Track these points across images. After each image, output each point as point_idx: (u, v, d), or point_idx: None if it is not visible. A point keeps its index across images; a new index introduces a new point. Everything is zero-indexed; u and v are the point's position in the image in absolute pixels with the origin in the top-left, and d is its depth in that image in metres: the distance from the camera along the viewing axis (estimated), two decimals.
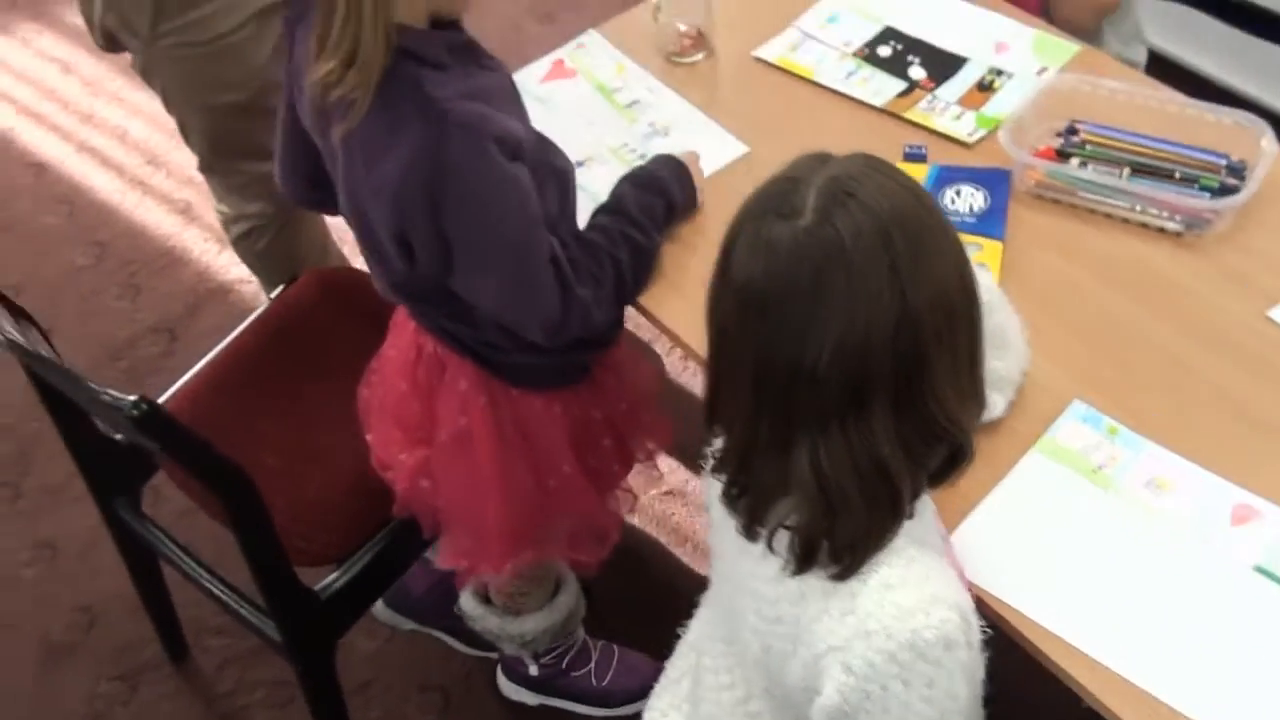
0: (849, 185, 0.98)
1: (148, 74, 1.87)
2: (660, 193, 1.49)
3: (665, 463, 2.16)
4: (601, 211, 1.48)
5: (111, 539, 1.92)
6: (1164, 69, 1.87)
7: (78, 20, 3.31)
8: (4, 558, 2.26)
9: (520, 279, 1.36)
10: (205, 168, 2.02)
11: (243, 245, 2.13)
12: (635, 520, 2.14)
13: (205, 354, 2.56)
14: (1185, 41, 2.25)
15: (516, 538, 1.56)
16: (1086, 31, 1.76)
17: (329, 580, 1.66)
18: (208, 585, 1.76)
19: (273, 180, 2.01)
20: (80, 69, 3.22)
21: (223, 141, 1.95)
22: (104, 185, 2.91)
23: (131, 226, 2.82)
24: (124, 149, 3.00)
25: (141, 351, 2.56)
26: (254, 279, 2.56)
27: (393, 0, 1.25)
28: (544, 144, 1.41)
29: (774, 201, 1.01)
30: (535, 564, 1.66)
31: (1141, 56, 1.87)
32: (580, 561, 1.67)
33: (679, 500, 2.18)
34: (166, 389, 1.88)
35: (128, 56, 1.93)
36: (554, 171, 1.41)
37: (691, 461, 2.16)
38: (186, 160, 2.91)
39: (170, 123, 2.95)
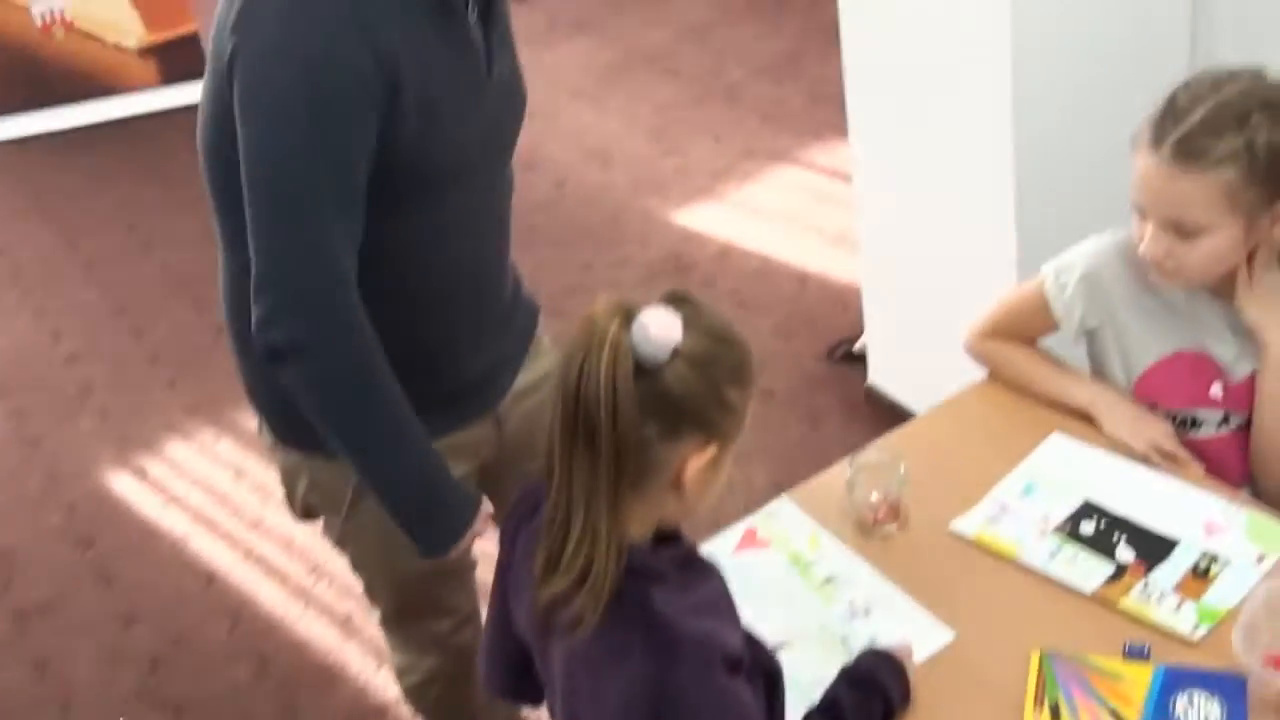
0: None
1: (341, 544, 1.90)
2: (878, 694, 1.43)
3: None
4: (816, 712, 1.43)
5: None
6: None
7: (252, 425, 3.50)
8: None
9: None
10: (386, 623, 2.03)
11: (415, 694, 2.11)
12: None
13: None
14: None
15: None
16: None
17: None
18: None
19: (451, 635, 2.03)
20: (251, 474, 3.34)
21: (407, 602, 1.96)
22: (269, 596, 2.96)
23: (294, 640, 2.83)
24: (289, 556, 3.06)
25: None
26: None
27: (626, 521, 1.27)
28: (753, 642, 1.38)
29: None
30: None
31: None
32: None
33: None
34: None
35: None
36: (764, 673, 1.37)
37: None
38: (347, 568, 2.96)
39: None
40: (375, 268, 1.58)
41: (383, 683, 2.68)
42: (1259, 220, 1.58)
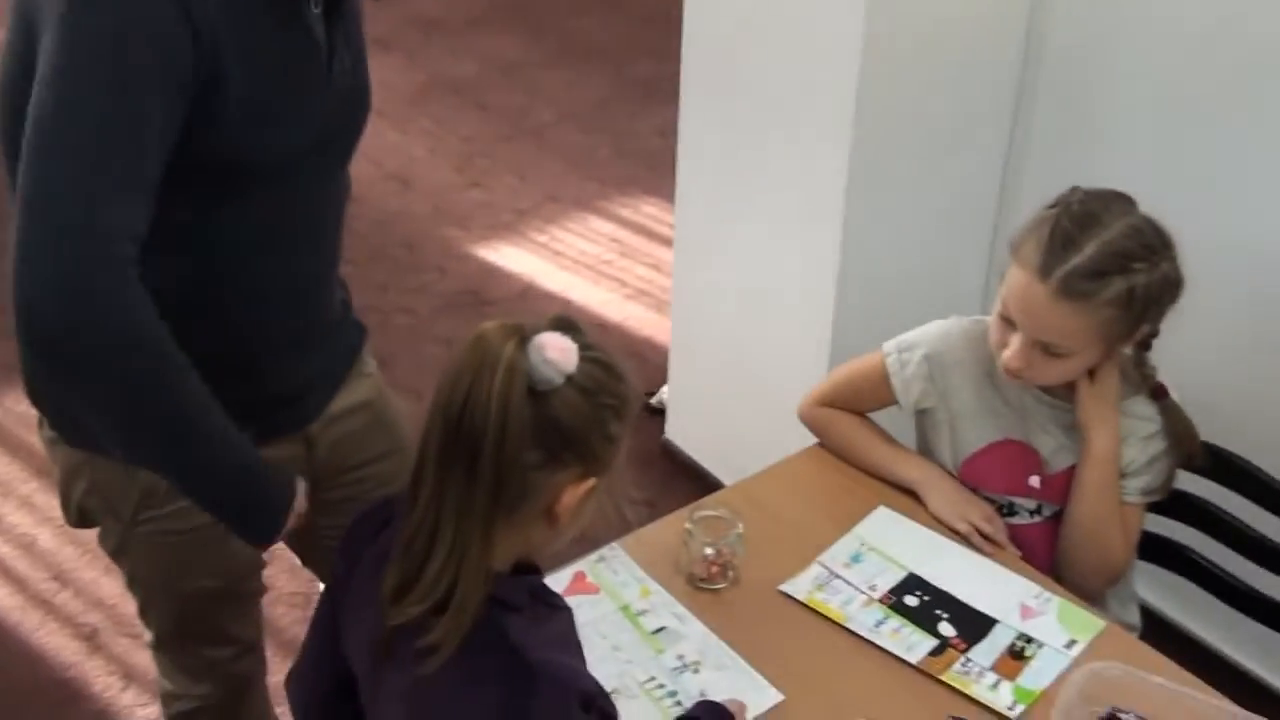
0: None
1: (119, 555, 1.73)
2: None
3: None
4: None
5: None
6: (1161, 633, 1.92)
7: None
8: None
9: None
10: (158, 646, 1.86)
11: None
12: None
13: None
14: (1181, 608, 2.37)
15: None
16: (1090, 594, 1.80)
17: None
18: None
19: (224, 664, 1.89)
20: None
21: (187, 626, 1.81)
22: (4, 602, 2.70)
23: (28, 651, 2.59)
24: (29, 561, 2.80)
25: None
26: None
27: (494, 547, 1.22)
28: (596, 685, 1.34)
29: None
30: None
31: (1137, 619, 1.92)
32: None
33: None
34: None
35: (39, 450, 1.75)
36: (602, 716, 1.33)
37: None
38: (95, 579, 2.75)
39: (79, 535, 2.81)
40: (180, 262, 1.47)
41: (127, 704, 2.48)
42: (1118, 345, 1.68)
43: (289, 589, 2.70)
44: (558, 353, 1.19)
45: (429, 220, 4.10)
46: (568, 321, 1.25)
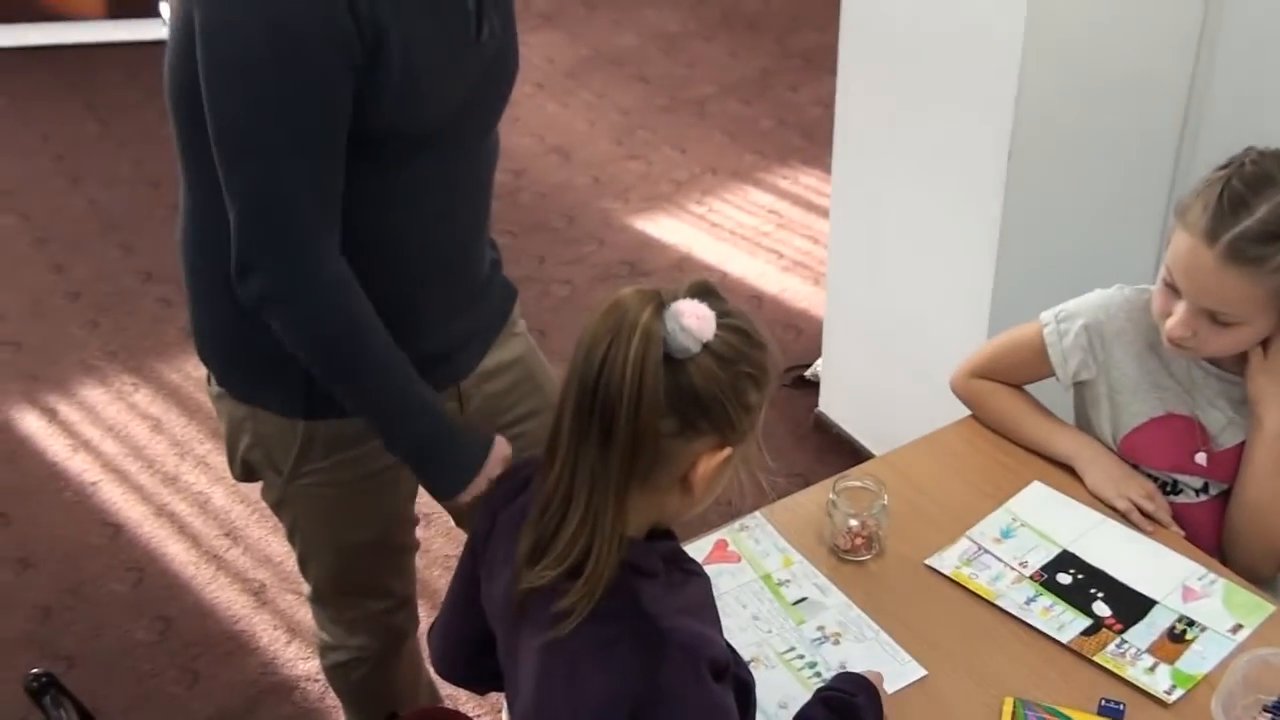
0: None
1: (279, 507, 1.80)
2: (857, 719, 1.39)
3: None
4: None
5: None
6: None
7: (175, 377, 3.38)
8: None
9: None
10: (316, 598, 1.93)
11: (337, 674, 2.02)
12: None
13: None
14: None
15: None
16: (1260, 578, 1.71)
17: None
18: None
19: (379, 617, 1.94)
20: (170, 428, 3.21)
21: (344, 578, 1.88)
22: (178, 556, 2.83)
23: (200, 604, 2.71)
24: (203, 517, 2.93)
25: None
26: (322, 679, 2.44)
27: (628, 514, 1.21)
28: (731, 651, 1.33)
29: None
30: None
31: None
32: None
33: None
34: None
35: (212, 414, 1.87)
36: (739, 685, 1.32)
37: None
38: (264, 536, 2.86)
39: (250, 494, 2.93)
40: (342, 223, 1.52)
41: (291, 657, 2.57)
42: None
43: (444, 551, 2.76)
44: (695, 320, 1.17)
45: (588, 192, 4.13)
46: (706, 288, 1.23)
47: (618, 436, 1.17)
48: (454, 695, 2.43)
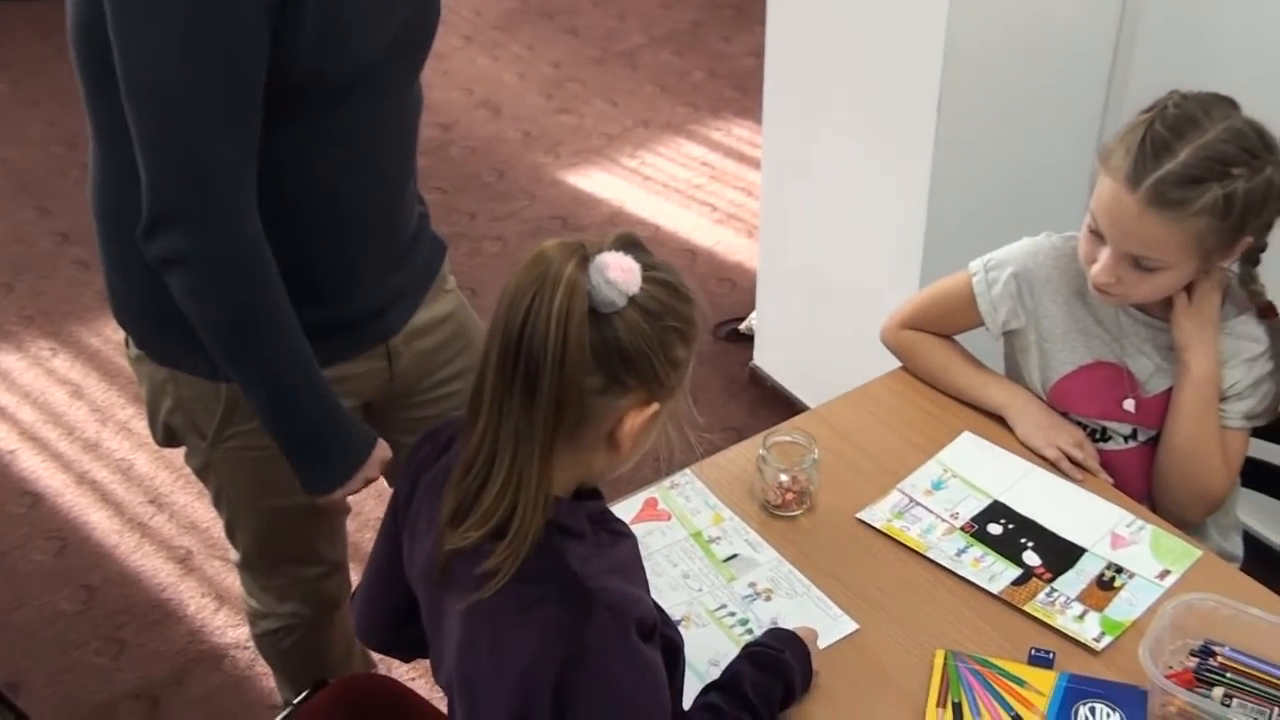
0: None
1: (204, 472, 1.75)
2: (782, 678, 1.38)
3: None
4: (715, 689, 1.37)
5: None
6: (1267, 563, 1.82)
7: (94, 341, 3.29)
8: None
9: None
10: (245, 565, 1.89)
11: (267, 642, 1.98)
12: None
13: None
14: None
15: None
16: (1188, 523, 1.72)
17: None
18: None
19: (310, 583, 1.90)
20: (90, 394, 3.13)
21: (273, 544, 1.83)
22: (101, 524, 2.76)
23: (125, 572, 2.65)
24: (126, 484, 2.87)
25: None
26: (252, 646, 2.40)
27: (553, 472, 1.18)
28: (659, 612, 1.31)
29: None
30: None
31: (1239, 549, 1.83)
32: None
33: None
34: None
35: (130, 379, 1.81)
36: (668, 645, 1.30)
37: None
38: (190, 502, 2.80)
39: (175, 460, 2.86)
40: (260, 179, 1.46)
41: (220, 625, 2.53)
42: (1215, 259, 1.57)
43: (376, 514, 2.72)
44: (620, 273, 1.14)
45: (519, 146, 4.07)
46: (632, 240, 1.20)
47: (542, 393, 1.14)
48: (387, 661, 2.40)
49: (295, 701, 1.88)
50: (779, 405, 2.96)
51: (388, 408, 1.79)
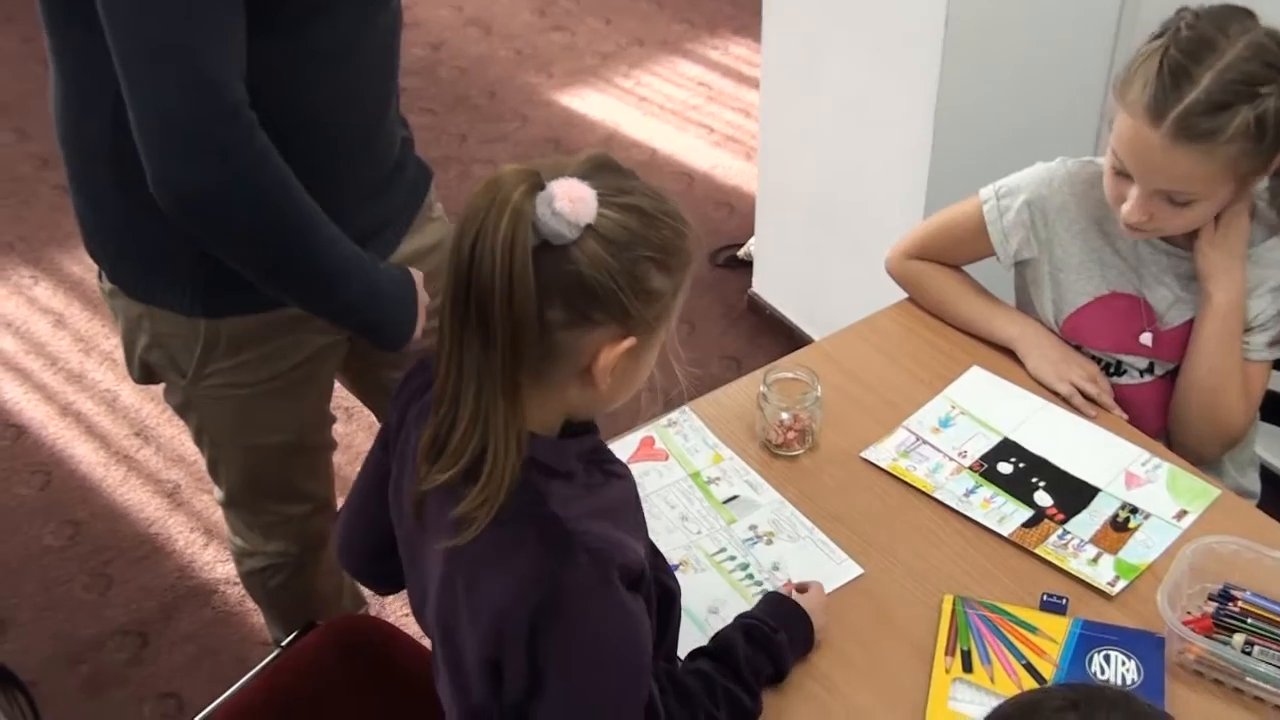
0: None
1: (184, 410, 1.69)
2: (775, 658, 1.32)
3: None
4: (704, 655, 1.31)
5: None
6: None
7: (76, 269, 3.20)
8: None
9: None
10: (230, 503, 1.83)
11: (254, 580, 1.92)
12: None
13: (177, 667, 2.31)
14: None
15: None
16: (1205, 460, 1.66)
17: None
18: None
19: (297, 521, 1.85)
20: (73, 323, 3.05)
21: (258, 482, 1.77)
22: (86, 457, 2.70)
23: (111, 507, 2.59)
24: (112, 417, 2.80)
25: (106, 656, 2.30)
26: (240, 584, 2.35)
27: (525, 411, 1.11)
28: (656, 557, 1.25)
29: None
30: None
31: (1257, 486, 1.77)
32: None
33: None
34: (129, 706, 1.62)
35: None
36: (663, 592, 1.24)
37: None
38: (176, 435, 2.74)
39: (160, 392, 2.80)
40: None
41: (209, 560, 2.48)
42: (1251, 182, 1.49)
43: (366, 447, 2.65)
44: (568, 202, 1.05)
45: (510, 66, 3.95)
46: (602, 162, 1.11)
47: (495, 328, 1.06)
48: (378, 601, 2.36)
49: (284, 644, 1.84)
50: (779, 334, 2.89)
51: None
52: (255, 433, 1.69)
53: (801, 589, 1.39)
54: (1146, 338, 1.65)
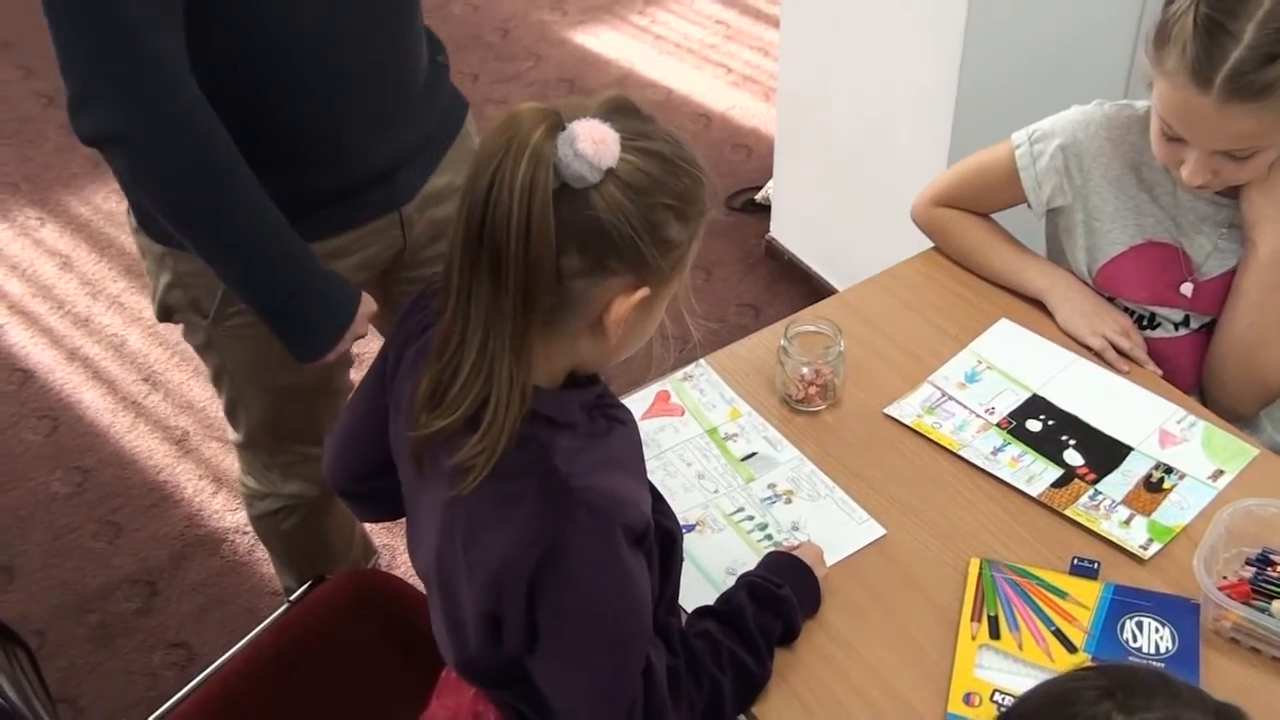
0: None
1: (205, 350, 1.66)
2: (783, 616, 1.27)
3: None
4: (711, 616, 1.27)
5: None
6: None
7: (84, 210, 3.15)
8: None
9: (603, 685, 1.14)
10: (248, 444, 1.79)
11: (265, 523, 1.89)
12: None
13: (187, 616, 2.29)
14: None
15: None
16: (1241, 416, 1.60)
17: None
18: None
19: (316, 462, 1.80)
20: (80, 266, 3.00)
21: (277, 423, 1.74)
22: (94, 403, 2.67)
23: (119, 453, 2.56)
24: (120, 362, 2.76)
25: (115, 606, 2.28)
26: (250, 531, 2.32)
27: (532, 361, 1.06)
28: (657, 501, 1.20)
29: None
30: None
31: None
32: None
33: None
34: (138, 655, 1.60)
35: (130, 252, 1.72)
36: (664, 535, 1.19)
37: None
38: (185, 380, 2.70)
39: (168, 336, 2.76)
40: (246, 34, 1.36)
41: (218, 509, 2.45)
42: None
43: None
44: (590, 144, 1.00)
45: (523, 3, 3.86)
46: (621, 105, 1.05)
47: (508, 273, 1.01)
48: (390, 549, 2.33)
49: (293, 598, 1.81)
50: (797, 280, 2.83)
51: (399, 274, 1.69)
52: (277, 373, 1.65)
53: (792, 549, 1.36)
54: (1187, 288, 1.59)
